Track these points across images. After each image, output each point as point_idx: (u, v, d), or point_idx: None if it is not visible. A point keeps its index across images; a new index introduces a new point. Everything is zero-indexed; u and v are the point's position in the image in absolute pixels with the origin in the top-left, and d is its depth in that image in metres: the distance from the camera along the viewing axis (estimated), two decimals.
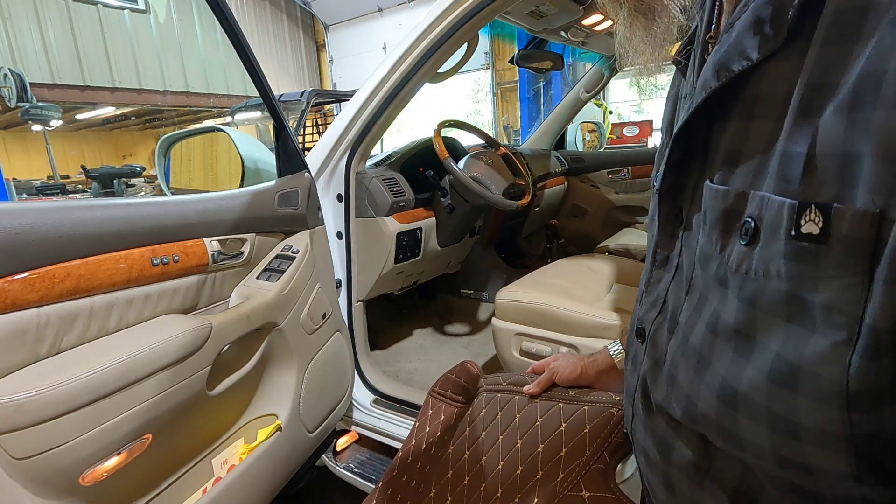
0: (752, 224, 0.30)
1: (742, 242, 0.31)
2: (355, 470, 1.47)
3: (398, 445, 1.45)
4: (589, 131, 4.28)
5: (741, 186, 0.32)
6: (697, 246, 0.38)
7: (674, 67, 0.47)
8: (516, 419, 0.75)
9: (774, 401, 0.30)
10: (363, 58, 10.37)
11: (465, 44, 1.33)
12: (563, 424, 0.69)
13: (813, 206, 0.26)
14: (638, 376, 0.48)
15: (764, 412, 0.31)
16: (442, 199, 1.75)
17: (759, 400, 0.31)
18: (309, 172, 1.27)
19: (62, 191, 6.78)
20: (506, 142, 6.10)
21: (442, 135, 1.73)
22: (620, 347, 0.73)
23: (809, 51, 0.28)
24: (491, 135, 2.08)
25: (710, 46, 0.40)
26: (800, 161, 0.27)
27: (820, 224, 0.26)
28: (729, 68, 0.33)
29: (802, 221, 0.27)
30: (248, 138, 1.47)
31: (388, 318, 2.31)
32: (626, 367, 0.53)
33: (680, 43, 0.44)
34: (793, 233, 0.27)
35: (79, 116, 10.18)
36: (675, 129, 0.39)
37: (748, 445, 0.33)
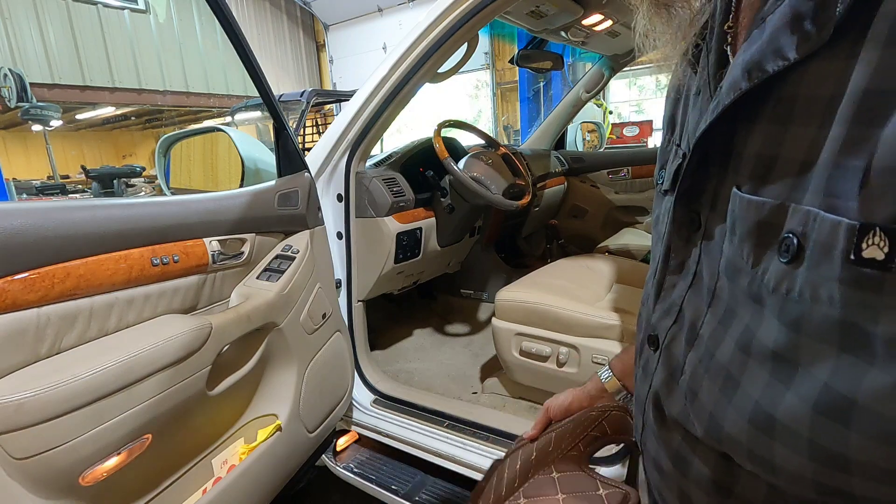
0: (796, 241, 0.27)
1: (782, 260, 0.28)
2: (355, 470, 1.47)
3: (398, 445, 1.45)
4: (589, 131, 4.28)
5: (778, 198, 0.29)
6: (722, 256, 0.35)
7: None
8: (518, 464, 0.74)
9: (820, 433, 0.28)
10: (363, 58, 10.37)
11: (465, 44, 1.33)
12: (553, 433, 0.71)
13: (878, 228, 0.23)
14: (650, 386, 0.46)
15: (806, 443, 0.29)
16: (442, 199, 1.75)
17: (800, 430, 0.29)
18: (309, 172, 1.27)
19: (62, 191, 6.78)
20: (506, 142, 6.10)
21: (442, 135, 1.73)
22: (610, 373, 0.71)
23: (863, 52, 0.25)
24: (491, 135, 2.08)
25: (728, 37, 0.37)
26: (856, 176, 0.24)
27: (886, 249, 0.23)
28: (762, 68, 0.29)
29: (864, 245, 0.23)
30: (248, 138, 1.47)
31: (388, 318, 2.31)
32: (637, 375, 0.51)
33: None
34: (852, 257, 0.24)
35: (79, 116, 10.18)
36: (697, 132, 0.36)
37: (782, 472, 0.31)
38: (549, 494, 0.64)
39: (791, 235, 0.28)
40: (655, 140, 7.42)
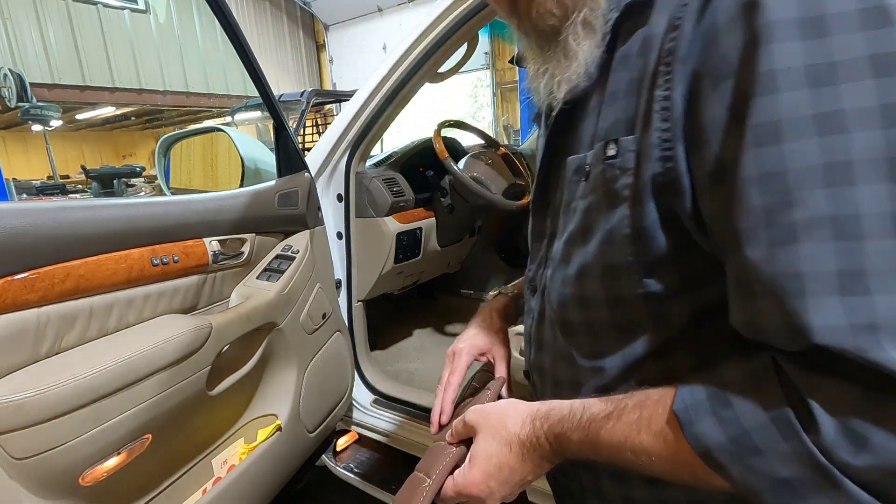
0: (588, 168, 0.51)
1: (583, 181, 0.51)
2: (355, 470, 1.47)
3: (398, 446, 1.45)
4: None
5: (582, 154, 0.53)
6: (556, 200, 0.57)
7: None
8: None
9: (605, 255, 0.49)
10: (363, 58, 10.36)
11: (465, 44, 1.33)
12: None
13: (609, 142, 0.48)
14: (532, 317, 0.65)
15: (601, 268, 0.50)
16: (442, 199, 1.75)
17: (595, 261, 0.50)
18: (309, 172, 1.27)
19: (62, 191, 6.78)
20: (506, 142, 6.09)
21: (442, 135, 1.73)
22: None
23: (596, 103, 0.51)
24: (491, 135, 2.08)
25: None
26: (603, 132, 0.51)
27: (614, 149, 0.47)
28: (552, 107, 0.56)
29: (607, 150, 0.48)
30: (248, 138, 1.47)
31: (388, 318, 2.31)
32: (525, 319, 0.71)
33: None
34: (603, 157, 0.48)
35: (79, 116, 10.17)
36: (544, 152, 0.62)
37: (592, 302, 0.52)
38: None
39: (588, 166, 0.51)
40: None
